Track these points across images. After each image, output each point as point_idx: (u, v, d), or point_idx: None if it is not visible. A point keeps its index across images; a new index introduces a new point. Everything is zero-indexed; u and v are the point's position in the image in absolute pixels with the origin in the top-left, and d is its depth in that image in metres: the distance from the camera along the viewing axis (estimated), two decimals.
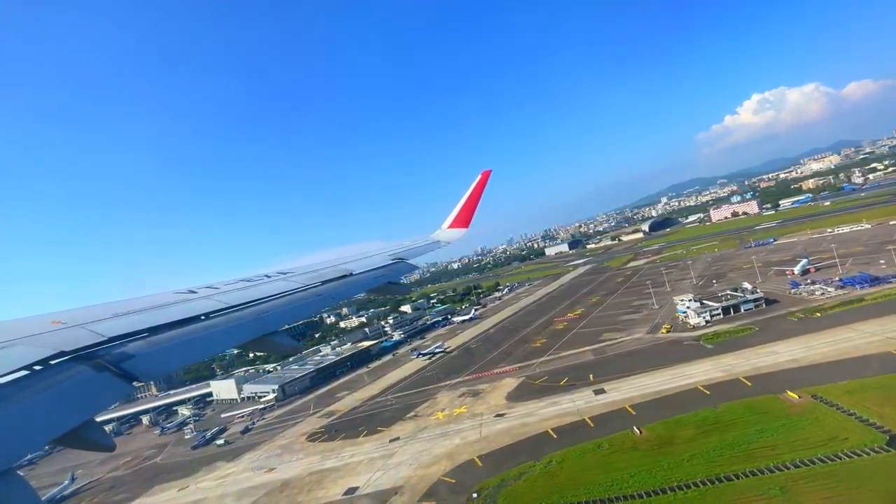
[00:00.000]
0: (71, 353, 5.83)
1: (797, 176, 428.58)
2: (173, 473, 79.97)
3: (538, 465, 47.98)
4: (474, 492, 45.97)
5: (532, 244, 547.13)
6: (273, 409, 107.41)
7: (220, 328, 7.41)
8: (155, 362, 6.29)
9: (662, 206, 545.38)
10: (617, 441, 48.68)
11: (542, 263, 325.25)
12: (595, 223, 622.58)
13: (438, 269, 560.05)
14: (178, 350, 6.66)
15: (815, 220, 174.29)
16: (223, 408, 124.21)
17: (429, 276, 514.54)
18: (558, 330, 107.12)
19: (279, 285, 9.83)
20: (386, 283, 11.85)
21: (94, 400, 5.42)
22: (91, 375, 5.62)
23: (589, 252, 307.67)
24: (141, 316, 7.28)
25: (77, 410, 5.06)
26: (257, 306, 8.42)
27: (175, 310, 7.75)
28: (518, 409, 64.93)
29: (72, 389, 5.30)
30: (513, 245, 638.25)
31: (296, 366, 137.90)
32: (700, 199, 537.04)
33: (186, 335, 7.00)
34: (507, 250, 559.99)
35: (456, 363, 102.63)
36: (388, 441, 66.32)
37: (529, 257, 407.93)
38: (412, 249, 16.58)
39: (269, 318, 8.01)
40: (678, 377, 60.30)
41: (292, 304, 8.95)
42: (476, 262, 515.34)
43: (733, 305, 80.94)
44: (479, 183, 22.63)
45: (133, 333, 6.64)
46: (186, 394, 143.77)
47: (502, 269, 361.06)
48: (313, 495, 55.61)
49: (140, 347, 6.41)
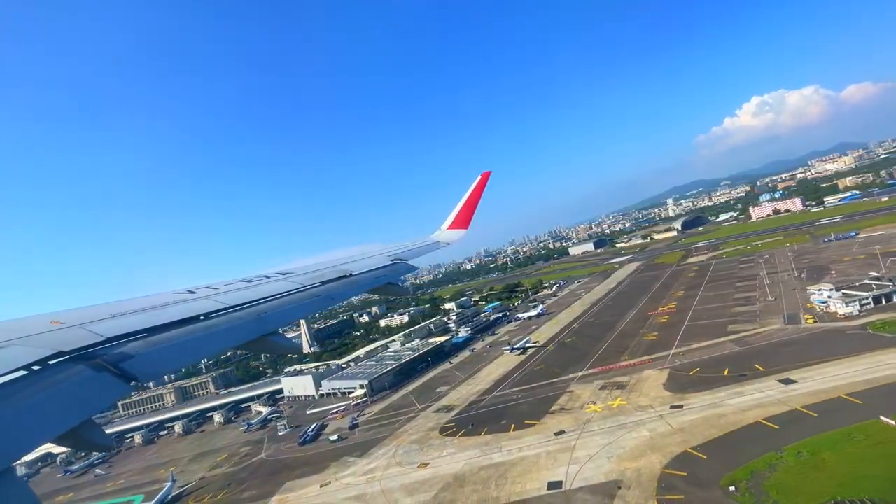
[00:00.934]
0: (70, 353, 5.85)
1: (819, 175, 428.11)
2: (298, 469, 76.40)
3: (786, 457, 44.52)
4: (730, 485, 42.36)
5: (544, 244, 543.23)
6: (367, 404, 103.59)
7: (219, 328, 7.39)
8: (154, 362, 6.29)
9: (672, 208, 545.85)
10: (868, 431, 45.31)
11: (571, 262, 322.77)
12: (604, 223, 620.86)
13: (450, 270, 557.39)
14: (177, 350, 6.66)
15: (886, 214, 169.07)
16: (299, 404, 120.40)
17: (441, 277, 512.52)
18: (663, 323, 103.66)
19: (279, 286, 9.82)
20: (385, 283, 11.75)
21: (93, 400, 5.41)
22: (90, 375, 5.62)
23: (624, 251, 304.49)
24: (140, 316, 7.31)
25: (76, 410, 5.05)
26: (257, 307, 8.41)
27: (174, 310, 7.77)
28: (694, 401, 61.44)
29: (71, 389, 5.30)
30: (513, 245, 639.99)
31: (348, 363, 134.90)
32: (716, 199, 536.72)
33: (185, 335, 6.99)
34: (518, 250, 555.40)
35: (560, 357, 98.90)
36: (553, 434, 62.67)
37: (553, 256, 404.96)
38: (411, 250, 16.45)
39: (269, 319, 7.99)
40: (880, 366, 57.01)
41: (292, 305, 8.94)
42: (488, 263, 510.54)
43: (885, 294, 77.77)
44: (479, 184, 22.55)
45: (132, 334, 6.68)
46: (252, 391, 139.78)
47: (527, 269, 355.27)
48: (508, 490, 51.94)
49: (139, 347, 6.42)
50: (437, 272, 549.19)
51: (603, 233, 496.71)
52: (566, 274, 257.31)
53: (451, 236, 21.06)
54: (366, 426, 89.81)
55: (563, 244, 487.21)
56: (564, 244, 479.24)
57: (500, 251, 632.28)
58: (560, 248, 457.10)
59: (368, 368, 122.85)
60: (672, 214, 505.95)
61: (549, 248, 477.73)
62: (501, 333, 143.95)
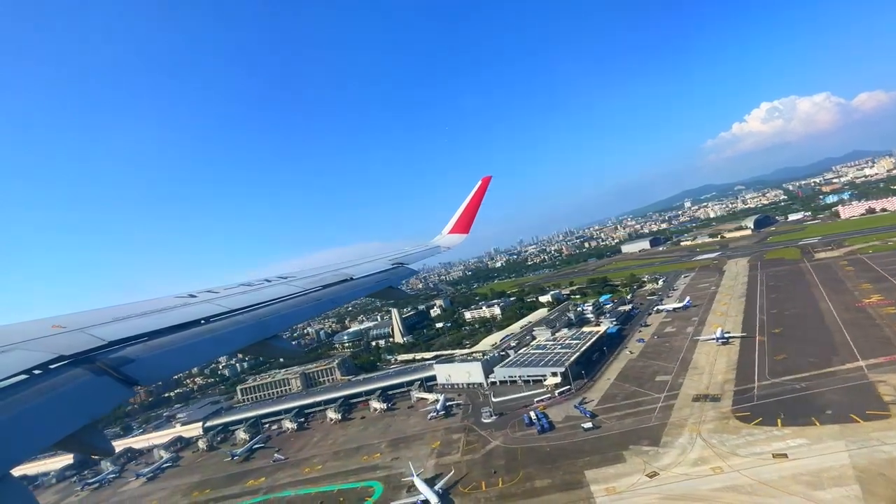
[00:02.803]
0: (71, 357, 5.93)
1: (870, 178, 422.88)
2: (582, 457, 69.02)
3: None
4: None
5: (580, 242, 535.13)
6: (571, 392, 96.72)
7: (220, 332, 7.40)
8: (155, 366, 6.35)
9: (689, 212, 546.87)
10: None
11: (633, 260, 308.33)
12: (628, 225, 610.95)
13: (482, 266, 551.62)
14: (178, 354, 6.72)
15: None
16: (455, 392, 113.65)
17: (472, 274, 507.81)
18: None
19: (280, 289, 9.78)
20: (386, 287, 11.78)
21: (95, 404, 5.44)
22: (91, 379, 5.66)
23: (700, 248, 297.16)
24: (141, 320, 7.38)
25: (77, 414, 5.08)
26: (258, 310, 8.39)
27: (175, 314, 7.80)
28: None
29: (72, 393, 5.31)
30: (523, 245, 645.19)
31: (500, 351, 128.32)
32: (753, 202, 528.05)
33: (187, 339, 6.99)
34: (546, 248, 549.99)
35: (797, 348, 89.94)
36: None
37: (606, 254, 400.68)
38: (412, 254, 16.72)
39: (270, 323, 7.98)
40: None
41: (293, 309, 8.92)
42: (517, 261, 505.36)
43: None
44: (480, 189, 22.63)
45: (133, 337, 6.73)
46: (398, 378, 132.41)
47: (579, 266, 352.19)
48: None
49: (140, 351, 6.49)
50: (468, 268, 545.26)
51: (639, 231, 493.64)
52: (643, 271, 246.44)
53: (452, 241, 21.23)
54: (604, 414, 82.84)
55: (596, 244, 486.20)
56: (597, 244, 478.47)
57: (512, 249, 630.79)
58: (597, 247, 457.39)
59: (547, 356, 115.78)
60: (712, 216, 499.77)
61: (591, 247, 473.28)
62: (655, 325, 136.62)
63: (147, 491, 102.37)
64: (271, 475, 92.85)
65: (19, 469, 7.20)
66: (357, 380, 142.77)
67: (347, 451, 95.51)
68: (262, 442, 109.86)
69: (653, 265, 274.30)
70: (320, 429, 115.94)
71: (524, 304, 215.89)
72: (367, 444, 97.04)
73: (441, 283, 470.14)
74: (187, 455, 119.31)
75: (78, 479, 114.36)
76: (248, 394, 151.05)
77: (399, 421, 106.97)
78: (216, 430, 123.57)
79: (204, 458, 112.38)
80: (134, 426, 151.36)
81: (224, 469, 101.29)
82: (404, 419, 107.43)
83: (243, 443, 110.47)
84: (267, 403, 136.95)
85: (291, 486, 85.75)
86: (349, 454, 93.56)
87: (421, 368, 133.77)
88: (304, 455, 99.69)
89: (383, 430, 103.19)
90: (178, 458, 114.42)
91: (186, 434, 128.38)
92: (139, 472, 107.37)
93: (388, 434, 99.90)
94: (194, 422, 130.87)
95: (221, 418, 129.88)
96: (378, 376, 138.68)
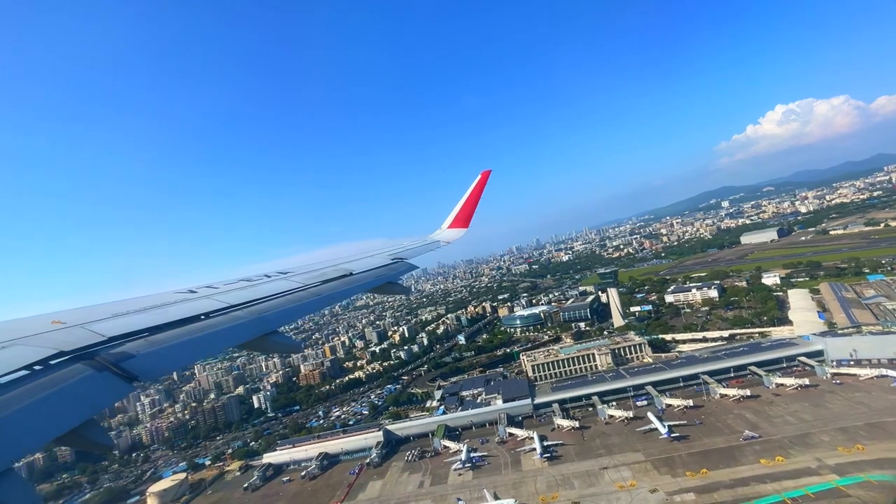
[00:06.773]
0: (71, 352, 6.03)
1: None
2: None
3: None
4: None
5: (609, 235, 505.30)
6: None
7: (220, 328, 7.52)
8: (155, 362, 6.49)
9: (727, 210, 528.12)
10: None
11: (771, 251, 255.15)
12: (665, 220, 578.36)
13: (544, 262, 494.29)
14: (178, 349, 6.85)
15: None
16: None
17: (538, 268, 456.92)
18: None
19: (279, 285, 9.99)
20: (386, 282, 11.97)
21: (95, 400, 5.53)
22: (91, 375, 5.75)
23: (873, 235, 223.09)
24: (141, 316, 7.48)
25: (77, 410, 5.17)
26: (257, 306, 8.56)
27: (175, 309, 7.95)
28: None
29: (72, 389, 5.39)
30: (543, 244, 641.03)
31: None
32: (824, 202, 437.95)
33: (186, 334, 7.15)
34: (606, 243, 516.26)
35: None
36: None
37: (728, 245, 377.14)
38: (412, 249, 16.83)
39: (270, 318, 8.11)
40: None
41: (293, 304, 9.04)
42: (591, 254, 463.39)
43: None
44: (479, 183, 22.33)
45: (133, 333, 6.85)
46: (751, 356, 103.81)
47: (690, 259, 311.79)
48: None
49: (140, 347, 6.62)
50: (536, 260, 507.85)
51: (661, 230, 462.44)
52: (829, 257, 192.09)
53: (452, 235, 21.14)
54: None
55: (666, 238, 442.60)
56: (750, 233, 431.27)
57: (531, 247, 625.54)
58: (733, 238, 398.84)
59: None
60: (802, 210, 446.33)
61: (667, 241, 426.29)
62: None
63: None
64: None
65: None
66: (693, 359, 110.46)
67: None
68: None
69: (810, 255, 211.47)
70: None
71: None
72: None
73: (517, 274, 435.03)
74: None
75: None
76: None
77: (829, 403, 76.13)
78: None
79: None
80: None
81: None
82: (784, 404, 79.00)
83: None
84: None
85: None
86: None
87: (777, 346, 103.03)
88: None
89: (799, 414, 74.85)
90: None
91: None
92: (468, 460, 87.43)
93: (837, 421, 70.36)
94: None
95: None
96: (724, 352, 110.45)
